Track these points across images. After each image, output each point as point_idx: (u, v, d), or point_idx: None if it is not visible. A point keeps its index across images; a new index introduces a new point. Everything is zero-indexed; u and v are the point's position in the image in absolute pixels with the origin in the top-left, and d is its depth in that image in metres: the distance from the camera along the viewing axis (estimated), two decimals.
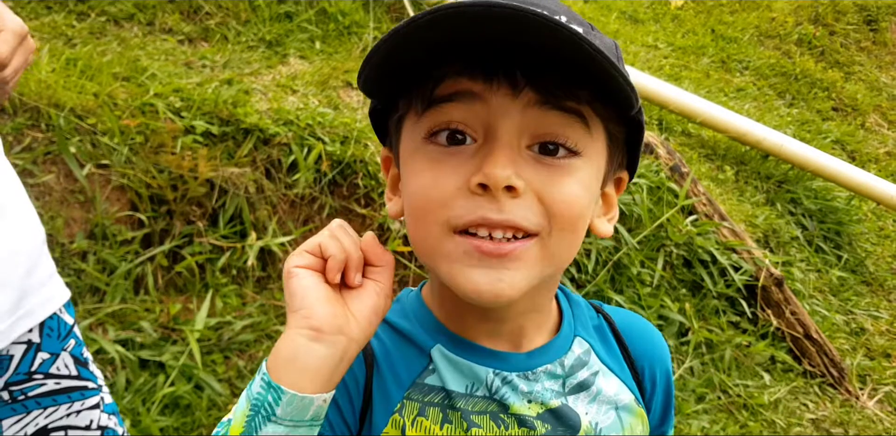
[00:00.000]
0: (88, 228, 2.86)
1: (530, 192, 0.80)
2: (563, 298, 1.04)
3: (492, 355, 0.94)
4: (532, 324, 0.96)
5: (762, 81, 6.90)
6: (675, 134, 5.11)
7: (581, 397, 0.97)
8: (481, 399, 0.93)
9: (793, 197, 5.11)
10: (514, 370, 0.94)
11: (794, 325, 4.01)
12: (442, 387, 0.94)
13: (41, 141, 2.87)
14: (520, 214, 0.80)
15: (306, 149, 3.29)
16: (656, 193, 3.92)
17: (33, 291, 1.41)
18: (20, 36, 1.22)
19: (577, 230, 0.86)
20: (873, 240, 5.48)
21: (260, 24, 4.25)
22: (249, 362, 2.91)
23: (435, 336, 0.96)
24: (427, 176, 0.83)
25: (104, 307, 2.74)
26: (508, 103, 0.80)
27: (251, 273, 3.13)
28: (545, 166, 0.82)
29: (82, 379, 1.52)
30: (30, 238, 1.43)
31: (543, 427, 0.94)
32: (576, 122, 0.82)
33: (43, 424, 1.46)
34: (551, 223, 0.82)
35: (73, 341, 1.51)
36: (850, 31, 8.08)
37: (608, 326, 1.06)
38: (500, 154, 0.79)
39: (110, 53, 3.48)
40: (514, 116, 0.80)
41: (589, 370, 0.99)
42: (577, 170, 0.83)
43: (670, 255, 3.85)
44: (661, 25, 7.13)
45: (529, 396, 0.94)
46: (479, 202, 0.80)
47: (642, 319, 1.12)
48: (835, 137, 6.45)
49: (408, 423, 0.93)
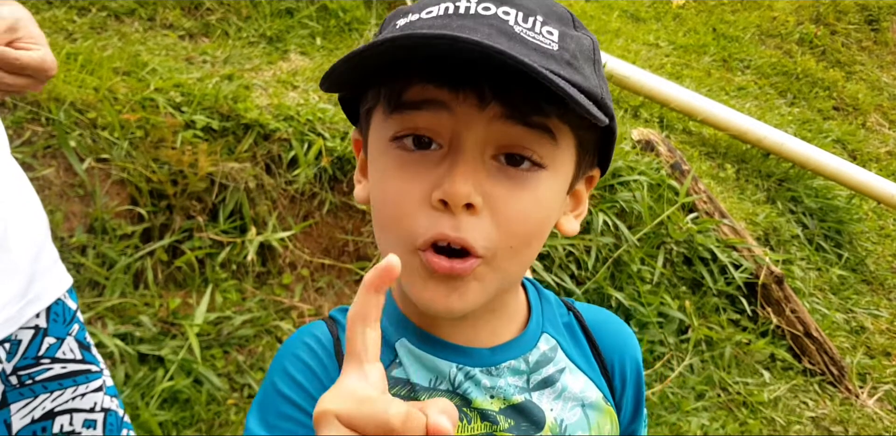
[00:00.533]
0: (88, 223, 2.86)
1: (487, 208, 0.81)
2: (533, 294, 1.04)
3: (455, 350, 0.95)
4: (497, 320, 0.97)
5: (763, 80, 6.89)
6: (676, 132, 5.11)
7: (546, 393, 0.97)
8: (444, 393, 0.93)
9: (793, 195, 5.11)
10: (478, 366, 0.94)
11: (795, 323, 4.01)
12: (407, 380, 0.94)
13: (41, 135, 2.87)
14: (472, 235, 0.80)
15: (306, 144, 3.29)
16: (657, 190, 3.91)
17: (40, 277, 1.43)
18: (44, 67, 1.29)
19: (530, 243, 0.86)
20: (874, 239, 5.48)
21: (261, 19, 4.25)
22: (249, 357, 2.91)
23: (400, 330, 0.96)
24: (393, 184, 0.84)
25: (103, 301, 2.74)
26: (475, 114, 0.79)
27: (251, 268, 3.12)
28: (507, 178, 0.82)
29: (86, 363, 1.54)
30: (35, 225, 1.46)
31: (506, 422, 0.94)
32: (542, 136, 0.81)
33: (50, 407, 1.48)
34: (501, 242, 0.82)
35: (77, 326, 1.54)
36: (851, 30, 8.08)
37: (577, 323, 1.05)
38: (460, 168, 0.80)
39: (111, 48, 3.47)
40: (479, 128, 0.80)
41: (555, 367, 0.99)
42: (539, 183, 0.83)
43: (670, 252, 3.85)
44: (663, 24, 7.13)
45: (492, 391, 0.94)
46: (438, 219, 0.80)
47: (612, 316, 1.12)
48: (836, 137, 6.45)
49: None
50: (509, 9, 0.78)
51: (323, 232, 3.36)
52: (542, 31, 0.79)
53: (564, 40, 0.80)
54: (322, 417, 0.61)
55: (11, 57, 1.23)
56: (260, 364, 2.90)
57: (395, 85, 0.82)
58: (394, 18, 0.85)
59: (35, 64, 1.25)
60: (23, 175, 1.47)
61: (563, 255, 3.56)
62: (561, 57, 0.79)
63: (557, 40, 0.80)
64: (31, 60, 1.25)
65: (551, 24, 0.80)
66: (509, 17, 0.78)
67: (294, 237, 3.23)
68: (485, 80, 0.77)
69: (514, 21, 0.78)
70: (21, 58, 1.24)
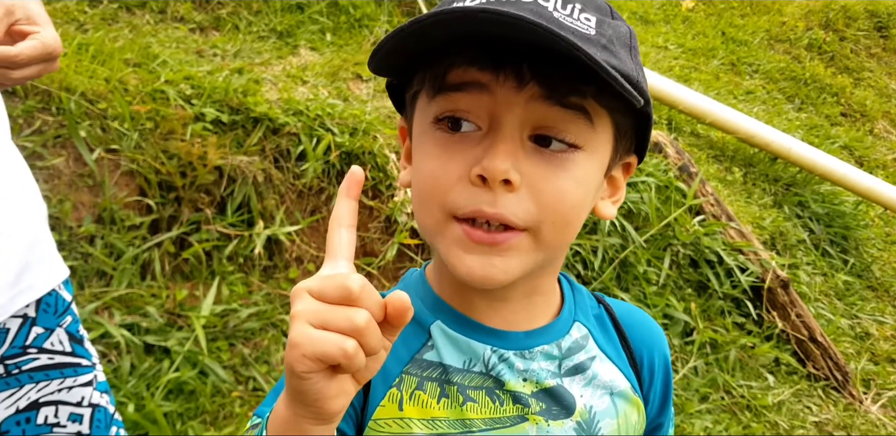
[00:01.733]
0: (96, 213, 2.86)
1: (525, 186, 0.83)
2: (566, 285, 1.07)
3: (490, 333, 0.97)
4: (533, 306, 0.99)
5: (771, 85, 6.88)
6: (685, 134, 5.10)
7: (577, 379, 0.99)
8: (478, 375, 0.95)
9: (800, 200, 5.09)
10: (512, 348, 0.96)
11: (800, 327, 4.00)
12: (440, 362, 0.96)
13: (51, 124, 2.87)
14: (510, 210, 0.83)
15: (315, 139, 3.29)
16: (664, 192, 3.91)
17: (34, 267, 1.42)
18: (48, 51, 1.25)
19: (571, 222, 0.88)
20: (880, 245, 5.47)
21: (271, 14, 4.25)
22: (254, 350, 2.90)
23: (435, 313, 0.98)
24: (434, 162, 0.87)
25: (111, 291, 2.74)
26: (513, 96, 0.82)
27: (258, 262, 3.12)
28: (544, 159, 0.84)
29: (76, 356, 1.51)
30: (32, 213, 1.44)
31: (538, 405, 0.96)
32: (578, 117, 0.83)
33: (34, 398, 1.46)
34: (542, 217, 0.85)
35: (70, 318, 1.51)
36: (860, 37, 8.07)
37: (608, 315, 1.08)
38: (500, 147, 0.82)
39: (122, 40, 3.48)
40: (517, 109, 0.82)
41: (586, 354, 1.01)
42: (576, 164, 0.86)
43: (677, 254, 3.84)
44: (672, 27, 7.13)
45: (525, 374, 0.96)
46: (477, 194, 0.83)
47: (641, 311, 1.14)
48: (843, 143, 6.44)
49: (405, 396, 0.95)
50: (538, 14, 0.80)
51: None
52: (579, 18, 0.81)
53: (602, 26, 0.83)
54: (295, 293, 0.71)
55: (11, 55, 1.20)
56: (265, 357, 2.89)
57: (438, 68, 0.84)
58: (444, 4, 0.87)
59: (37, 53, 1.23)
60: (23, 163, 1.46)
61: (570, 255, 3.55)
62: (598, 41, 0.81)
63: (595, 26, 0.82)
64: (32, 51, 1.22)
65: (589, 12, 0.83)
66: (549, 3, 0.81)
67: (301, 232, 3.23)
68: (524, 60, 0.80)
69: (553, 7, 0.81)
70: (21, 53, 1.21)
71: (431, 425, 0.95)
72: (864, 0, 8.29)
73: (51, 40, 1.26)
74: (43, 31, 1.25)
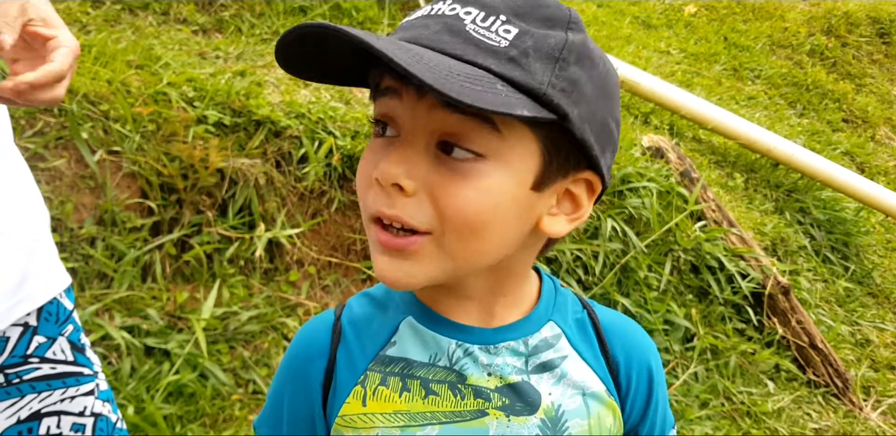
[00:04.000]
0: (98, 214, 2.85)
1: (423, 192, 0.83)
2: (548, 286, 1.06)
3: (457, 328, 0.98)
4: (501, 305, 1.00)
5: (773, 91, 6.89)
6: (686, 139, 5.10)
7: (545, 377, 0.99)
8: (442, 369, 0.97)
9: (801, 206, 5.09)
10: (477, 343, 0.98)
11: (800, 334, 3.99)
12: (403, 357, 0.98)
13: (53, 126, 2.86)
14: (407, 213, 0.84)
15: (317, 142, 3.29)
16: (666, 197, 3.90)
17: (35, 275, 1.40)
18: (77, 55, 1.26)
19: (476, 231, 0.85)
20: (880, 252, 5.46)
21: (274, 17, 4.25)
22: (254, 353, 2.90)
23: (408, 309, 1.01)
24: (361, 163, 0.90)
25: (111, 293, 2.73)
26: (416, 103, 0.82)
27: (259, 265, 3.12)
28: (446, 167, 0.83)
29: (78, 365, 1.50)
30: (33, 219, 1.42)
31: (500, 400, 0.97)
32: (481, 125, 0.81)
33: (36, 408, 1.45)
34: (443, 223, 0.84)
35: (72, 327, 1.50)
36: (862, 43, 8.08)
37: (590, 321, 1.07)
38: (396, 152, 0.84)
39: (124, 41, 3.47)
40: (420, 115, 0.82)
41: (556, 353, 1.01)
42: (480, 173, 0.83)
43: (678, 260, 3.84)
44: (674, 31, 7.13)
45: (489, 368, 0.97)
46: (379, 196, 0.85)
47: (630, 322, 1.13)
48: (844, 149, 6.44)
49: (369, 393, 0.98)
50: (472, 9, 0.82)
51: (331, 230, 3.36)
52: (497, 30, 0.81)
53: (521, 38, 0.81)
54: None
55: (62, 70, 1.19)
56: (265, 360, 2.89)
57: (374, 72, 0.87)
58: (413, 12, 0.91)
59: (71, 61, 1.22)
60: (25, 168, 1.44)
61: (571, 260, 3.55)
62: (505, 53, 0.80)
63: (512, 38, 0.80)
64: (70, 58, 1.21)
65: (515, 24, 0.81)
66: (469, 16, 0.81)
67: (302, 235, 3.23)
68: None
69: (472, 20, 0.81)
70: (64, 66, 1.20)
71: (393, 419, 0.97)
72: (866, 6, 8.29)
73: (74, 44, 1.25)
74: (60, 34, 1.23)
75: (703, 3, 7.79)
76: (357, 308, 1.05)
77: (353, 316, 1.04)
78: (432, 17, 0.83)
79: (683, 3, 7.71)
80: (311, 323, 1.08)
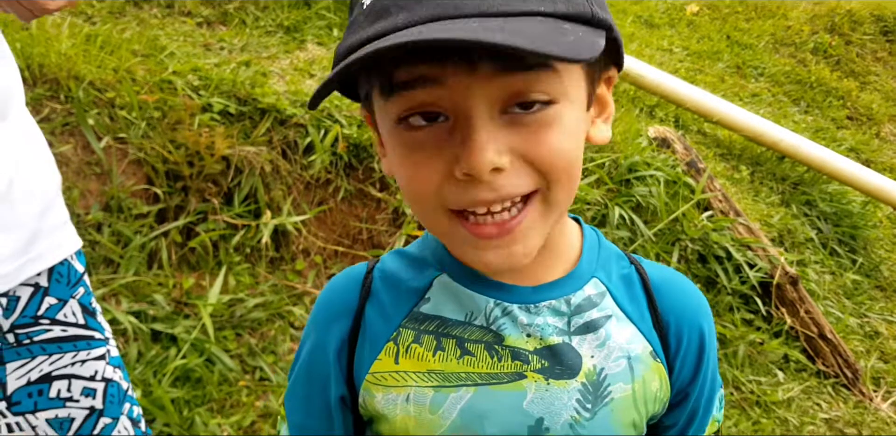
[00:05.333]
0: (104, 201, 2.84)
1: (518, 159, 0.78)
2: (593, 242, 1.01)
3: (496, 287, 0.94)
4: (543, 260, 0.94)
5: (777, 88, 6.87)
6: (692, 133, 5.09)
7: (588, 339, 0.94)
8: (478, 329, 0.93)
9: (808, 199, 5.07)
10: (517, 302, 0.93)
11: (809, 324, 3.97)
12: (439, 315, 0.94)
13: (60, 112, 2.86)
14: (512, 185, 0.79)
15: (323, 131, 3.28)
16: (672, 187, 3.89)
17: (45, 235, 1.39)
18: None
19: (573, 176, 0.83)
20: (887, 247, 5.43)
21: (279, 10, 4.25)
22: (261, 341, 2.88)
23: (443, 266, 0.96)
24: (410, 166, 0.82)
25: (118, 278, 2.72)
26: (467, 80, 0.75)
27: (265, 253, 3.11)
28: (524, 127, 0.79)
29: (89, 329, 1.49)
30: (44, 181, 1.41)
31: (539, 363, 0.92)
32: (543, 73, 0.77)
33: (47, 371, 1.44)
34: (547, 179, 0.80)
35: (83, 290, 1.49)
36: (866, 41, 8.07)
37: (639, 277, 1.01)
38: (475, 136, 0.76)
39: (129, 32, 3.47)
40: (476, 90, 0.76)
41: (600, 312, 0.96)
42: (557, 118, 0.80)
43: (685, 249, 3.82)
44: (677, 30, 7.12)
45: (528, 329, 0.92)
46: (469, 187, 0.78)
47: (683, 278, 1.06)
48: (849, 146, 6.42)
49: (402, 350, 0.94)
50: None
51: (337, 219, 3.34)
52: None
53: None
54: None
55: None
56: (272, 348, 2.87)
57: (382, 69, 0.78)
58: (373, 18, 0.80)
59: None
60: (38, 131, 1.43)
61: None
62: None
63: None
64: None
65: None
66: None
67: (308, 223, 3.22)
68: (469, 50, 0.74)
69: None
70: None
71: (426, 378, 0.93)
72: (869, 4, 8.29)
73: None
74: None
75: (705, 3, 7.79)
76: (391, 263, 1.01)
77: (385, 271, 1.00)
78: None
79: (685, 2, 7.71)
80: (341, 277, 1.03)
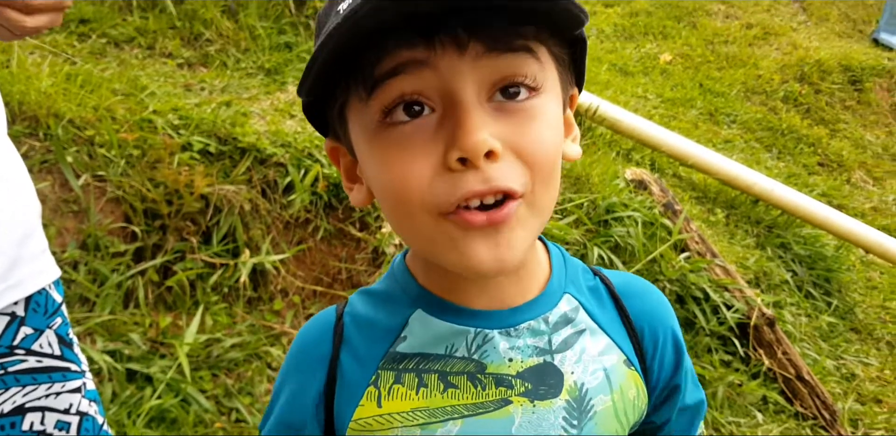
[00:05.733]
0: (81, 239, 2.82)
1: (507, 149, 0.77)
2: (558, 256, 1.01)
3: (473, 315, 0.92)
4: (517, 279, 0.93)
5: (749, 135, 6.98)
6: (667, 176, 5.14)
7: (568, 355, 0.94)
8: (460, 360, 0.91)
9: (782, 242, 5.11)
10: (496, 327, 0.92)
11: (787, 366, 3.97)
12: (418, 352, 0.92)
13: (38, 149, 2.85)
14: (504, 178, 0.77)
15: (303, 170, 3.28)
16: (650, 228, 3.91)
17: (24, 263, 1.36)
18: None
19: (556, 176, 0.83)
20: (861, 290, 5.48)
21: (259, 52, 4.29)
22: (237, 381, 2.84)
23: (416, 302, 0.94)
24: (397, 164, 0.79)
25: (93, 317, 2.69)
26: (457, 62, 0.75)
27: (242, 293, 3.08)
28: (512, 114, 0.78)
29: (65, 360, 1.46)
30: (24, 208, 1.40)
31: (523, 386, 0.92)
32: (527, 58, 0.78)
33: (21, 402, 1.40)
34: (534, 178, 0.79)
35: (60, 320, 1.46)
36: (834, 90, 8.23)
37: (605, 287, 1.01)
38: (467, 119, 0.75)
39: (110, 72, 3.49)
40: (466, 73, 0.76)
41: (574, 328, 0.95)
42: (542, 108, 0.80)
43: (664, 290, 3.83)
44: (651, 78, 7.25)
45: (510, 353, 0.92)
46: (460, 179, 0.76)
47: (643, 281, 1.08)
48: (821, 191, 6.50)
49: (384, 393, 0.92)
50: None
51: (316, 259, 3.33)
52: None
53: None
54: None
55: None
56: (248, 389, 2.83)
57: (365, 66, 0.77)
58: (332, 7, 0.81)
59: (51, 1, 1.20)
60: (18, 159, 1.42)
61: None
62: None
63: None
64: None
65: None
66: None
67: (287, 263, 3.20)
68: (456, 24, 0.74)
69: None
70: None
71: (412, 417, 0.92)
72: (837, 55, 8.47)
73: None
74: None
75: (678, 52, 7.94)
76: (360, 305, 0.98)
77: (356, 314, 0.97)
78: None
79: (659, 51, 7.86)
80: (311, 326, 1.01)
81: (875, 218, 6.66)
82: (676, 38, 8.15)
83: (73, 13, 3.82)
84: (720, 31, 8.45)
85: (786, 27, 8.90)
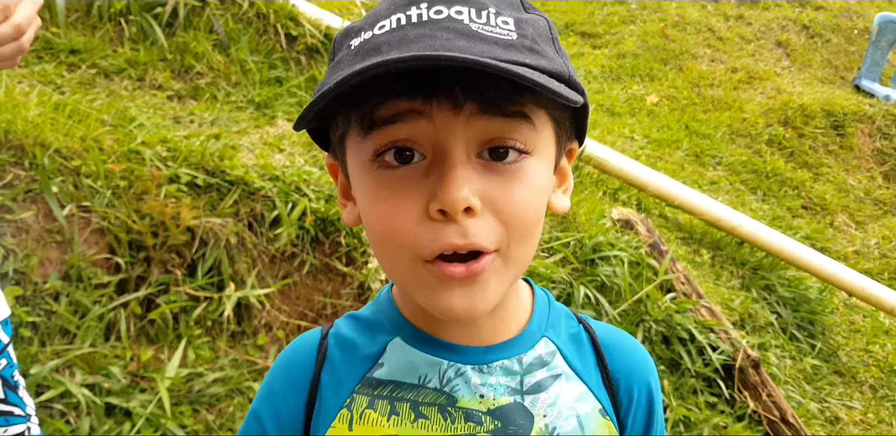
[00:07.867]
0: (63, 269, 2.79)
1: (486, 207, 0.80)
2: (542, 300, 1.03)
3: (449, 348, 0.94)
4: (495, 320, 0.95)
5: (734, 177, 7.02)
6: (653, 216, 5.15)
7: (540, 397, 0.95)
8: (432, 391, 0.93)
9: (767, 284, 5.12)
10: (470, 363, 0.93)
11: (771, 408, 3.95)
12: (392, 380, 0.94)
13: (23, 179, 2.82)
14: (481, 235, 0.80)
15: (290, 204, 3.27)
16: (636, 268, 3.91)
17: None
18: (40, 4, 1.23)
19: (534, 234, 0.86)
20: (844, 333, 5.48)
21: (250, 86, 4.29)
22: (218, 417, 2.79)
23: (396, 330, 0.97)
24: (382, 206, 0.83)
25: (73, 349, 2.64)
26: (451, 118, 0.78)
27: (226, 327, 3.04)
28: (497, 174, 0.81)
29: (9, 404, 1.41)
30: None
31: (492, 424, 0.92)
32: (521, 123, 0.81)
33: None
34: (510, 233, 0.81)
35: (5, 361, 1.41)
36: (818, 134, 8.30)
37: (588, 336, 1.04)
38: (452, 175, 0.78)
39: (99, 102, 3.47)
40: (458, 129, 0.79)
41: (550, 372, 0.97)
42: (529, 171, 0.83)
43: (649, 330, 3.81)
44: (638, 119, 7.30)
45: (481, 389, 0.93)
46: (440, 229, 0.79)
47: (629, 337, 1.09)
48: (805, 234, 6.53)
49: (356, 416, 0.94)
50: (461, 7, 0.78)
51: (301, 293, 3.30)
52: (497, 23, 0.79)
53: (521, 27, 0.80)
54: None
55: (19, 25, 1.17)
56: (230, 425, 2.78)
57: (364, 106, 0.80)
58: (346, 39, 0.84)
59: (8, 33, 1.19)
60: None
61: None
62: (522, 45, 0.79)
63: (514, 29, 0.80)
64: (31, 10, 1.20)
65: (504, 14, 0.81)
66: (462, 16, 0.78)
67: (272, 297, 3.17)
68: (454, 83, 0.76)
69: (469, 19, 0.78)
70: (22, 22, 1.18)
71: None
72: (820, 100, 8.57)
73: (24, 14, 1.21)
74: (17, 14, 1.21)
75: (664, 94, 8.02)
76: (345, 328, 1.01)
77: (340, 336, 1.00)
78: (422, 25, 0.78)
79: (646, 93, 7.93)
80: (297, 344, 1.03)
81: (858, 261, 6.69)
82: (663, 81, 8.23)
83: (64, 43, 3.82)
84: (706, 74, 8.54)
85: (770, 72, 9.00)
